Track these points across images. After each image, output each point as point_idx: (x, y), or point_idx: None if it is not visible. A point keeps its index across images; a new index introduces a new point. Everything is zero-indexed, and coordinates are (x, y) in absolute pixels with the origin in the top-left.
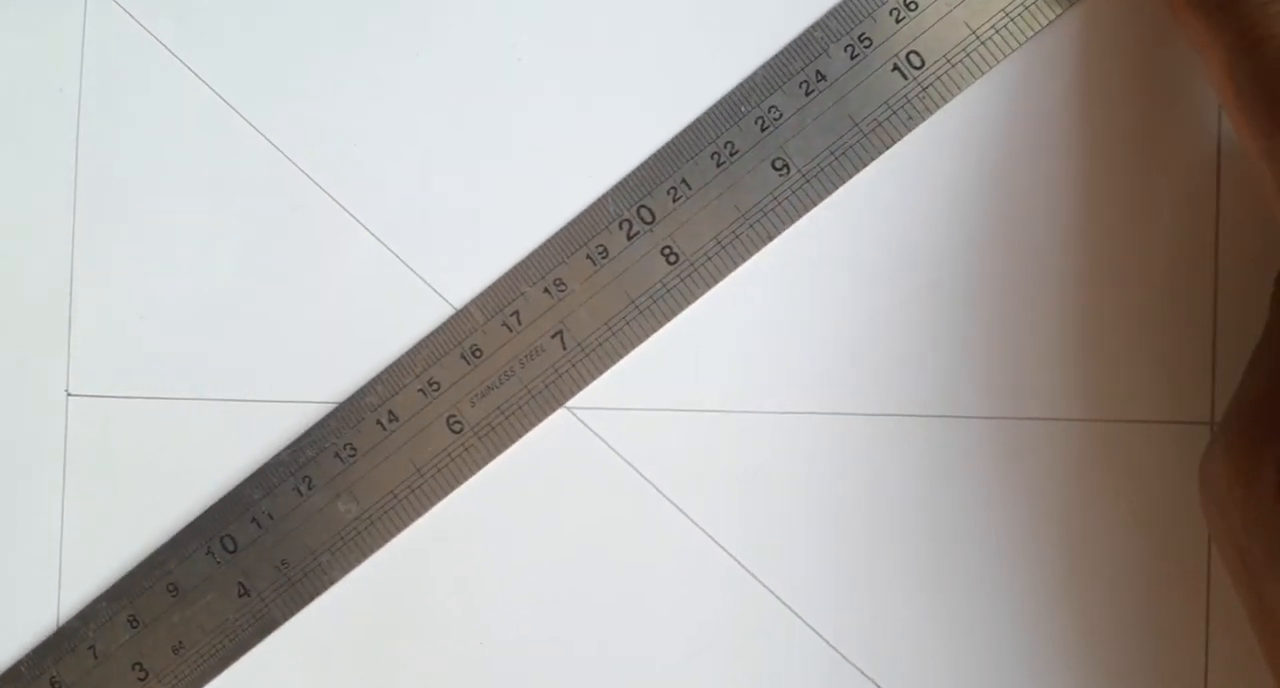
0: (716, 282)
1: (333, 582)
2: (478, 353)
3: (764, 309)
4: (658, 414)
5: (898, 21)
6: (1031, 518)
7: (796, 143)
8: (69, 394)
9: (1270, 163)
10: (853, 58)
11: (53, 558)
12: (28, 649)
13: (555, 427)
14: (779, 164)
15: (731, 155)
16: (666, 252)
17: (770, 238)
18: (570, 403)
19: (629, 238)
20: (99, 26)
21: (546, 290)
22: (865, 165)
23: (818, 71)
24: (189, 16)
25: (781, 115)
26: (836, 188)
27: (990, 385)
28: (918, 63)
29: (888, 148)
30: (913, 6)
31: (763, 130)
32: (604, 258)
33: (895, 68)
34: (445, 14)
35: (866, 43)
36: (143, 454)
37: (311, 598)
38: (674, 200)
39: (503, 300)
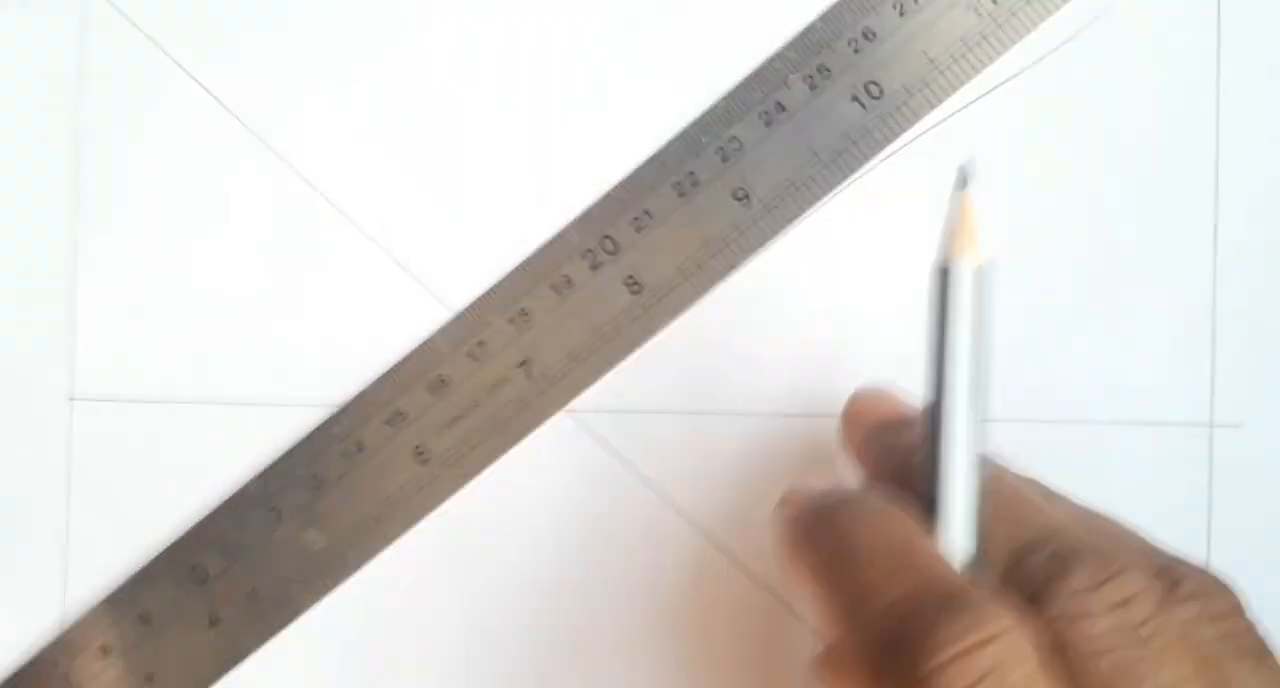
0: (681, 312)
1: (302, 611)
2: (444, 384)
3: (764, 310)
4: (658, 415)
5: (856, 52)
6: None
7: (757, 173)
8: (72, 398)
9: None
10: (812, 89)
11: (57, 562)
12: (30, 656)
13: (555, 427)
14: (740, 195)
15: (693, 186)
16: (630, 282)
17: (732, 267)
18: (571, 404)
19: (592, 268)
20: (98, 30)
21: (511, 321)
22: (825, 194)
23: (777, 102)
24: (187, 20)
25: (742, 146)
26: (797, 217)
27: (990, 387)
28: (876, 93)
29: (847, 177)
30: (870, 37)
31: (723, 161)
32: (568, 288)
33: (854, 99)
34: (445, 16)
35: (825, 74)
36: (146, 457)
37: (281, 627)
38: (637, 230)
39: (468, 331)
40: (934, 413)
